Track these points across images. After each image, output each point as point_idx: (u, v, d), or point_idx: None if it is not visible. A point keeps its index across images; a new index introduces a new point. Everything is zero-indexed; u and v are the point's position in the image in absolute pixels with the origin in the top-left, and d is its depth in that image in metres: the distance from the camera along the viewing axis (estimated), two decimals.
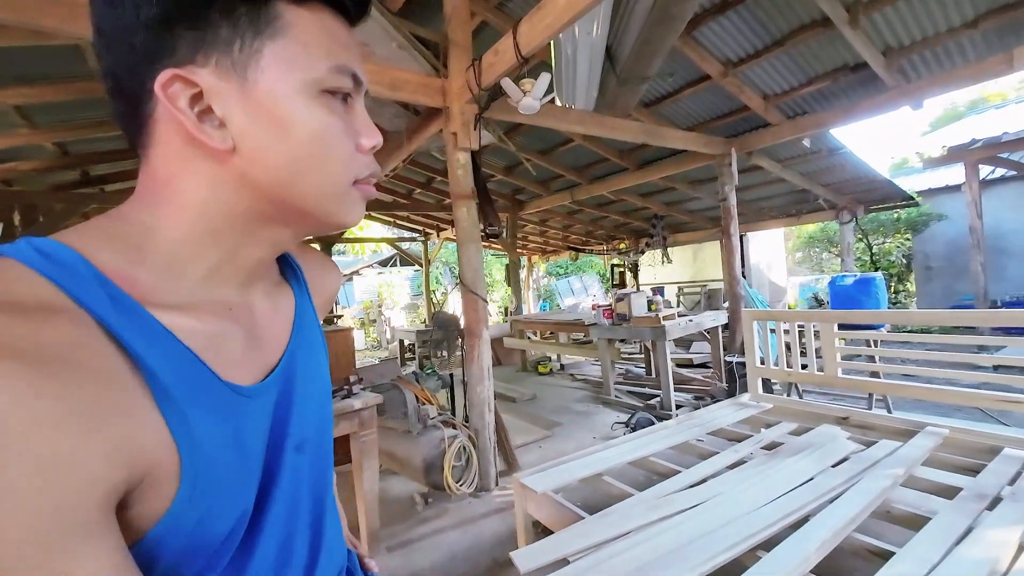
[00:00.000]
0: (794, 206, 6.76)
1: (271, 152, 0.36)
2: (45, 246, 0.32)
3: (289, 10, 0.36)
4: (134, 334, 0.31)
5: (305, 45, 0.36)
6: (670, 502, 1.66)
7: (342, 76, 0.38)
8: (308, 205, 0.39)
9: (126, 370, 0.31)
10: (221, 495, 0.35)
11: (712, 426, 2.47)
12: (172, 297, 0.36)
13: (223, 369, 0.37)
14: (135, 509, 0.30)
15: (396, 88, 2.70)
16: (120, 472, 0.28)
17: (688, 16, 2.46)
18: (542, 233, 9.82)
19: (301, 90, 0.36)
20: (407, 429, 2.83)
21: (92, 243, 0.34)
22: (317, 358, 0.50)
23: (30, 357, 0.26)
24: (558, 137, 4.96)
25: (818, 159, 5.17)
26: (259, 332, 0.43)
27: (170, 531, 0.32)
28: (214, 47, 0.34)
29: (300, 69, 0.36)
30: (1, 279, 0.29)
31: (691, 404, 4.18)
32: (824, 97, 3.90)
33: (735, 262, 4.55)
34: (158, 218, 0.36)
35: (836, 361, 2.58)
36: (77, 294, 0.30)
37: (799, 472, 1.79)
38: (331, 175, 0.39)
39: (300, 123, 0.36)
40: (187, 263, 0.37)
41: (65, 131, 3.60)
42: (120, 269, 0.33)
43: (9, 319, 0.27)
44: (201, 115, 0.34)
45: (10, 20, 1.68)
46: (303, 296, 0.50)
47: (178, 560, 0.33)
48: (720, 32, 3.29)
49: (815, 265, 11.34)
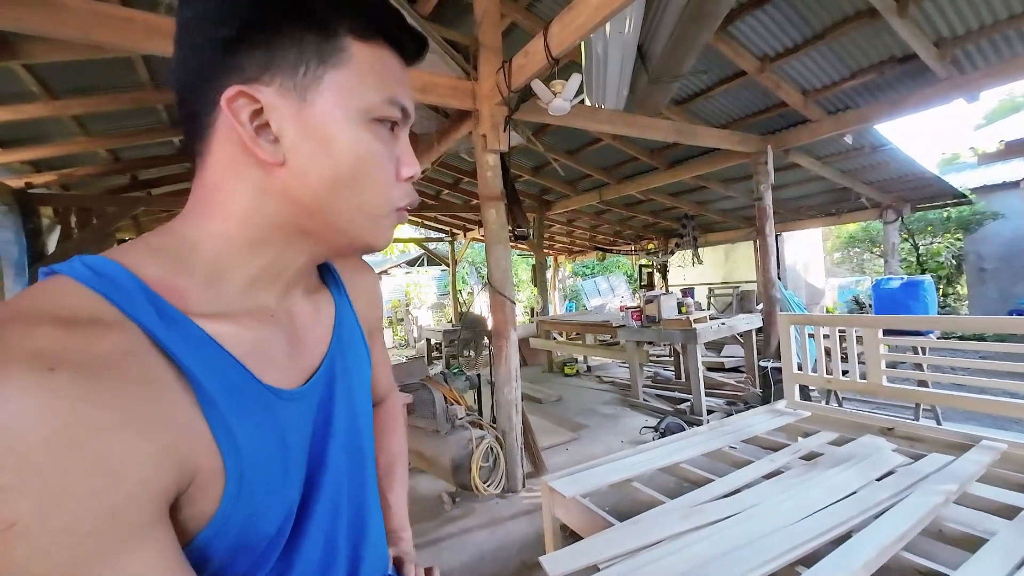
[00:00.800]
0: (834, 205, 6.48)
1: (316, 168, 0.38)
2: (95, 263, 0.34)
3: (353, 44, 0.38)
4: (179, 344, 0.33)
5: (362, 76, 0.39)
6: (703, 512, 1.62)
7: (392, 107, 0.40)
8: (342, 223, 0.40)
9: (172, 378, 0.32)
10: (266, 496, 0.36)
11: (746, 433, 2.39)
12: (215, 305, 0.37)
13: (265, 373, 0.38)
14: (186, 511, 0.32)
15: (427, 91, 2.74)
16: (169, 475, 0.30)
17: (724, 12, 2.39)
18: (569, 233, 9.76)
19: (353, 116, 0.38)
20: (435, 429, 2.87)
21: (138, 258, 0.36)
22: (358, 360, 0.51)
23: (86, 368, 0.28)
24: (586, 137, 4.92)
25: (861, 156, 4.94)
26: (300, 336, 0.44)
27: (219, 532, 0.33)
28: (280, 70, 0.37)
29: (355, 97, 0.38)
30: (57, 295, 0.31)
31: (723, 410, 4.07)
32: (868, 91, 3.72)
33: (770, 263, 4.40)
34: (204, 228, 0.38)
35: (880, 368, 2.45)
36: (125, 307, 0.32)
37: (841, 485, 1.71)
38: (369, 197, 0.40)
39: (346, 145, 0.38)
40: (230, 271, 0.39)
41: (117, 138, 3.81)
42: (165, 281, 0.35)
43: (66, 333, 0.29)
44: (258, 129, 0.36)
45: (71, 36, 1.79)
46: (342, 300, 0.51)
47: (228, 560, 0.34)
48: (757, 27, 3.18)
49: (855, 266, 10.84)
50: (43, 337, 0.28)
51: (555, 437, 3.75)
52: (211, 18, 0.36)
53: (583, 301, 12.55)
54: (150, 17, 1.93)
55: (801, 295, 8.58)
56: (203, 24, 0.36)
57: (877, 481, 1.74)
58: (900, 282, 3.86)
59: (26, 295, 0.31)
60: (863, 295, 8.01)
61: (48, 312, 0.30)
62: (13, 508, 0.24)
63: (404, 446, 0.72)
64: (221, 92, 0.36)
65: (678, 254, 8.27)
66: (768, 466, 1.97)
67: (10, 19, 1.68)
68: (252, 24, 0.36)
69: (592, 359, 6.85)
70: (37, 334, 0.28)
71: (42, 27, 1.74)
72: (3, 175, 3.89)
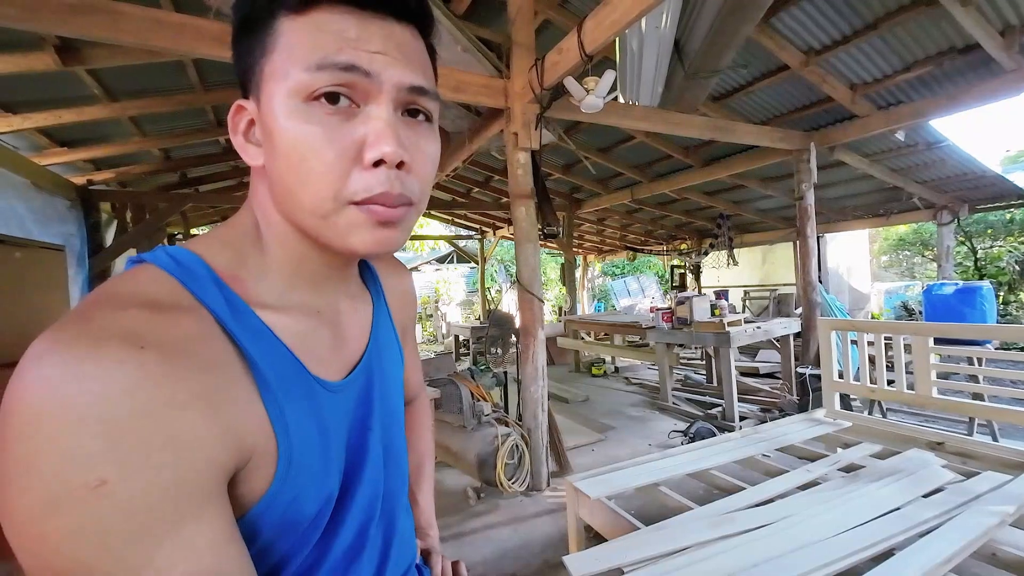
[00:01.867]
0: (882, 205, 6.13)
1: (272, 168, 0.37)
2: (176, 253, 0.37)
3: (285, 22, 0.35)
4: (243, 331, 0.35)
5: (291, 53, 0.34)
6: (732, 520, 1.57)
7: (321, 72, 0.34)
8: (306, 224, 0.37)
9: (236, 362, 0.34)
10: (309, 480, 0.38)
11: (781, 442, 2.31)
12: (269, 297, 0.39)
13: (312, 365, 0.40)
14: (242, 487, 0.34)
15: (459, 90, 2.76)
16: (230, 453, 0.32)
17: (767, 4, 2.30)
18: (599, 232, 9.64)
19: (285, 100, 0.34)
20: (462, 424, 2.90)
21: (211, 249, 0.38)
22: (392, 359, 0.52)
23: (165, 348, 0.30)
24: (619, 134, 4.84)
25: (913, 153, 4.65)
26: (343, 332, 0.46)
27: (268, 510, 0.35)
28: (248, 75, 0.38)
29: (282, 79, 0.35)
30: (145, 281, 0.34)
31: (756, 417, 3.94)
32: (924, 84, 3.50)
33: (811, 266, 4.21)
34: (256, 225, 0.41)
35: (930, 379, 2.31)
36: (199, 294, 0.35)
37: (883, 499, 1.63)
38: (312, 191, 0.35)
39: (281, 135, 0.35)
40: (272, 267, 0.40)
41: (169, 138, 4.02)
42: (230, 271, 0.38)
43: (151, 315, 0.31)
44: (251, 138, 0.39)
45: (130, 42, 1.90)
46: (379, 299, 0.53)
47: (273, 537, 0.36)
48: (802, 18, 3.05)
49: (905, 271, 10.25)
50: (134, 318, 0.30)
51: (581, 437, 3.72)
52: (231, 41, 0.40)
53: (612, 301, 12.39)
54: (201, 22, 2.03)
55: (844, 300, 8.17)
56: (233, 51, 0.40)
57: (924, 498, 1.64)
58: (955, 288, 3.62)
59: (120, 280, 0.34)
60: (913, 301, 7.56)
61: (139, 296, 0.32)
62: (104, 469, 0.26)
63: (432, 445, 0.74)
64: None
65: (712, 255, 8.04)
66: (804, 476, 1.89)
67: (77, 27, 1.80)
68: (233, 38, 0.38)
69: (620, 360, 6.76)
70: (129, 315, 0.30)
71: (105, 34, 1.86)
72: (68, 172, 4.18)
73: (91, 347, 0.28)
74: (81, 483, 0.26)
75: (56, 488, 0.26)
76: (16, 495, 0.26)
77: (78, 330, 0.29)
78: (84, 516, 0.26)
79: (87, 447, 0.26)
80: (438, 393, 2.29)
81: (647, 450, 3.42)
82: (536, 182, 2.97)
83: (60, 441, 0.26)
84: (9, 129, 3.13)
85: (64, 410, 0.26)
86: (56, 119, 3.17)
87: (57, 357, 0.27)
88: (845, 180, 5.52)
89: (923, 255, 9.03)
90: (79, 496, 0.26)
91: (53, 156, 3.74)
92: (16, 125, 3.12)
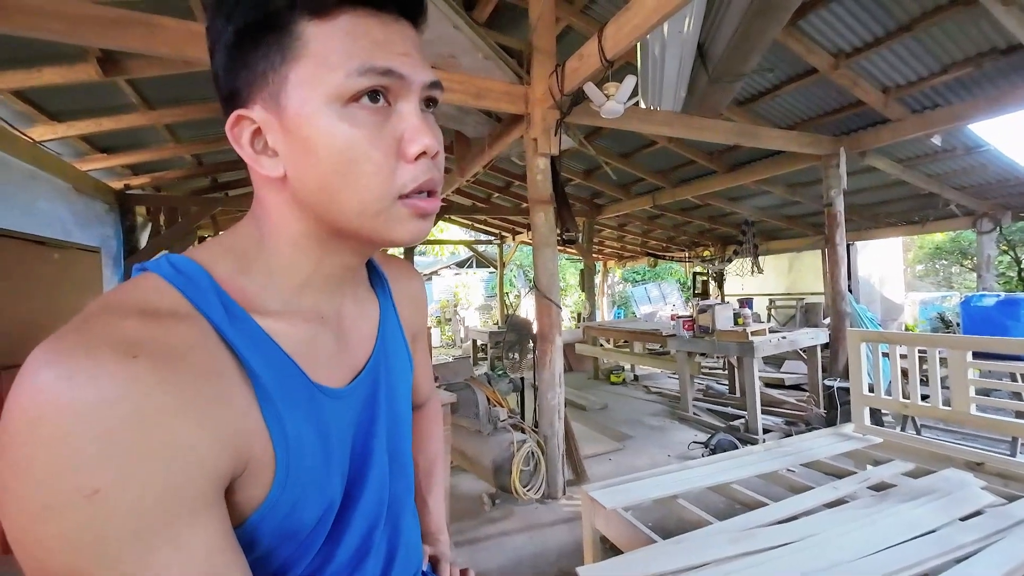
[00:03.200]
0: (917, 212, 5.89)
1: (307, 175, 0.37)
2: (177, 262, 0.37)
3: (309, 27, 0.35)
4: (241, 338, 0.35)
5: (324, 58, 0.35)
6: (755, 537, 1.52)
7: (365, 76, 0.35)
8: (352, 225, 0.38)
9: (234, 370, 0.34)
10: (308, 487, 0.37)
11: (807, 457, 2.22)
12: (272, 304, 0.39)
13: (313, 371, 0.40)
14: (239, 495, 0.34)
15: (480, 97, 2.78)
16: (226, 460, 0.32)
17: (795, 5, 2.26)
18: (619, 238, 9.55)
19: (323, 106, 0.35)
20: (478, 429, 2.89)
21: (213, 257, 0.38)
22: (400, 364, 0.52)
23: (158, 357, 0.30)
24: (640, 139, 4.80)
25: (951, 158, 4.47)
26: (346, 338, 0.45)
27: (267, 518, 0.35)
28: (257, 83, 0.36)
29: (318, 85, 0.35)
30: (144, 290, 0.35)
31: (781, 429, 3.81)
32: (963, 87, 3.36)
33: (840, 274, 4.08)
34: (261, 234, 0.40)
35: (968, 395, 2.20)
36: (198, 302, 0.35)
37: (917, 521, 1.55)
38: (364, 191, 0.36)
39: (322, 140, 0.35)
40: (283, 273, 0.40)
41: (201, 144, 4.18)
42: (232, 279, 0.38)
43: (145, 323, 0.31)
44: (262, 150, 0.38)
45: (167, 53, 1.98)
46: (387, 303, 0.52)
47: (273, 545, 0.36)
48: (832, 20, 2.97)
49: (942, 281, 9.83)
50: (129, 328, 0.31)
51: (598, 446, 3.67)
52: (216, 54, 0.38)
53: (632, 308, 12.24)
54: None
55: (875, 310, 7.87)
56: (215, 66, 0.38)
57: (961, 521, 1.55)
58: (996, 300, 3.45)
59: (121, 289, 0.35)
60: (950, 313, 7.23)
61: (135, 305, 0.33)
62: (97, 477, 0.27)
63: (443, 449, 0.73)
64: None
65: (736, 262, 7.86)
66: (831, 493, 1.82)
67: (119, 40, 1.89)
68: (230, 45, 0.36)
69: (640, 368, 6.65)
70: (125, 324, 0.31)
71: (144, 46, 1.95)
72: (107, 177, 4.38)
73: (85, 356, 0.28)
74: (74, 490, 0.26)
75: (50, 495, 0.26)
76: (14, 500, 0.27)
77: (75, 340, 0.29)
78: (78, 523, 0.26)
79: (80, 455, 0.27)
80: (454, 397, 2.29)
81: (666, 461, 3.35)
82: (555, 187, 2.96)
83: (54, 449, 0.26)
84: (55, 136, 3.30)
85: (58, 418, 0.27)
86: (97, 127, 3.33)
87: (53, 366, 0.28)
88: (877, 186, 5.33)
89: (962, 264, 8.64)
90: (73, 503, 0.26)
91: (93, 162, 3.93)
92: (61, 132, 3.29)
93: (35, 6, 1.76)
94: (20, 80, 2.65)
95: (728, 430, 3.71)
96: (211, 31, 0.38)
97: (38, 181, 3.30)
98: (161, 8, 2.13)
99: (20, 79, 2.64)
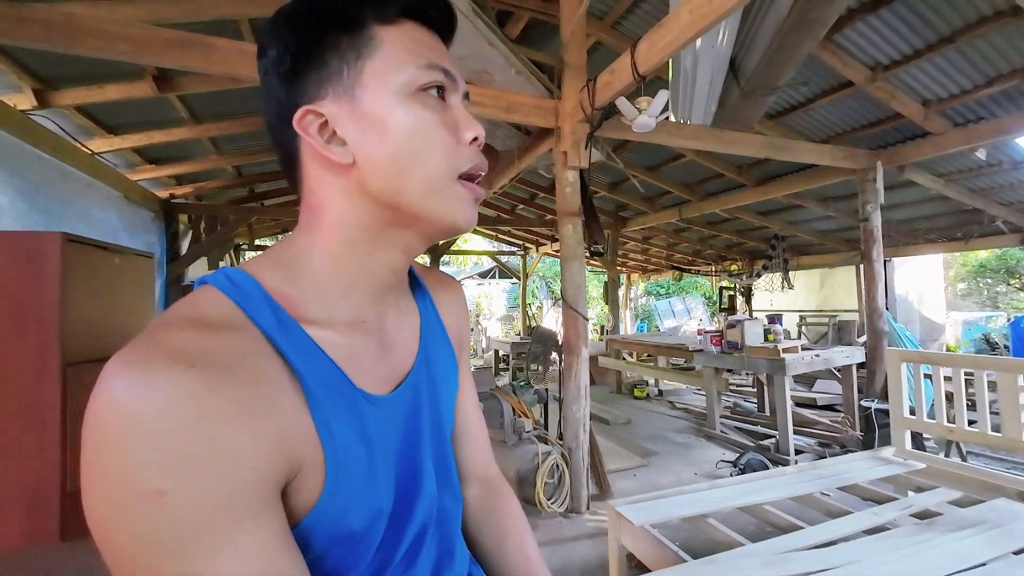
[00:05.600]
0: (959, 228, 5.64)
1: (378, 155, 0.40)
2: (232, 274, 0.40)
3: (381, 30, 0.41)
4: (290, 346, 0.37)
5: (396, 54, 0.40)
6: (789, 561, 1.47)
7: (431, 71, 0.41)
8: (418, 204, 0.41)
9: (284, 376, 0.36)
10: (357, 493, 0.38)
11: (843, 480, 2.14)
12: (319, 313, 0.41)
13: (357, 378, 0.41)
14: (293, 499, 0.35)
15: (511, 111, 2.84)
16: (279, 464, 0.33)
17: (831, 20, 2.23)
18: (644, 251, 9.47)
19: (397, 93, 0.40)
20: (502, 439, 2.90)
21: (264, 269, 0.41)
22: (445, 372, 0.52)
23: (214, 365, 0.32)
24: (668, 152, 4.78)
25: (996, 173, 4.28)
26: (389, 345, 0.46)
27: (319, 521, 0.36)
28: (330, 79, 0.40)
29: (393, 75, 0.40)
30: (202, 302, 0.37)
31: (814, 451, 3.68)
32: (1009, 99, 3.24)
33: (877, 292, 3.94)
34: (311, 242, 0.42)
35: (1020, 421, 2.09)
36: (251, 312, 0.37)
37: (965, 552, 1.47)
38: (432, 166, 0.41)
39: (398, 122, 0.40)
40: (329, 280, 0.42)
41: (242, 156, 4.38)
42: (281, 290, 0.40)
43: (201, 334, 0.34)
44: (329, 139, 0.40)
45: (218, 71, 2.11)
46: (428, 310, 0.53)
47: (325, 548, 0.37)
48: (869, 33, 2.92)
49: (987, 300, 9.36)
50: (188, 338, 0.33)
51: (622, 461, 3.62)
52: (274, 60, 0.41)
53: (656, 322, 12.06)
54: None
55: (915, 329, 7.54)
56: (271, 68, 0.41)
57: (1015, 555, 1.47)
58: None
59: (183, 303, 0.38)
60: (996, 334, 6.87)
61: (193, 317, 0.35)
62: (160, 480, 0.29)
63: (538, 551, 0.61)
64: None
65: (765, 277, 7.68)
66: (870, 520, 1.75)
67: (177, 59, 2.02)
68: (300, 51, 0.40)
69: (664, 383, 6.53)
70: (183, 336, 0.33)
71: (201, 65, 2.07)
72: (153, 187, 4.63)
73: (147, 367, 0.30)
74: (142, 492, 0.28)
75: (121, 496, 0.29)
76: (93, 499, 0.30)
77: (140, 352, 0.31)
78: (147, 522, 0.29)
79: (145, 459, 0.29)
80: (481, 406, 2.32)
81: (693, 479, 3.27)
82: (584, 200, 2.98)
83: (122, 453, 0.29)
84: (111, 148, 3.52)
85: (124, 425, 0.29)
86: (148, 139, 3.54)
87: (121, 376, 0.30)
88: (916, 201, 5.15)
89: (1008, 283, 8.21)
90: (141, 504, 0.29)
91: (143, 172, 4.16)
92: (116, 145, 3.51)
93: (105, 30, 1.90)
94: (83, 96, 2.85)
95: (758, 449, 3.60)
96: (277, 42, 0.41)
97: (94, 190, 3.52)
98: (215, 30, 2.28)
99: (83, 95, 2.84)
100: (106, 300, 1.63)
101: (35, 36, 1.85)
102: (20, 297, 1.39)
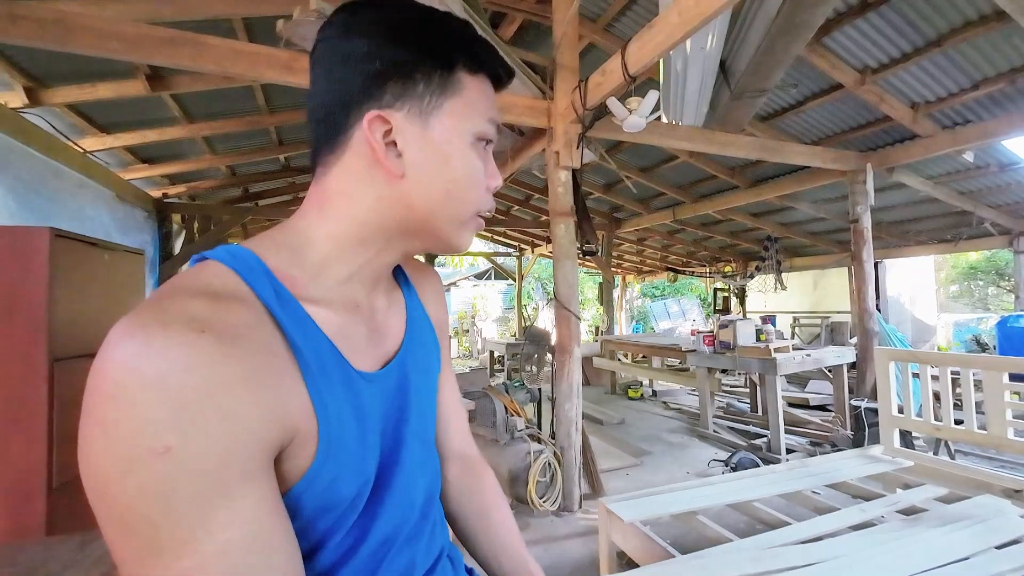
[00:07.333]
0: (949, 230, 5.71)
1: (435, 181, 0.45)
2: (234, 250, 0.42)
3: (465, 77, 0.46)
4: (289, 320, 0.40)
5: (472, 103, 0.46)
6: (777, 556, 1.49)
7: (491, 127, 0.48)
8: (442, 226, 0.47)
9: (283, 348, 0.38)
10: (347, 462, 0.41)
11: (832, 478, 2.16)
12: (316, 293, 0.43)
13: (349, 356, 0.44)
14: (286, 465, 0.37)
15: (505, 111, 2.85)
16: (276, 429, 0.35)
17: (818, 23, 2.26)
18: (639, 252, 9.51)
19: (464, 135, 0.46)
20: (495, 438, 2.90)
21: (266, 248, 0.43)
22: (428, 355, 0.56)
23: (221, 333, 0.34)
24: (661, 154, 4.81)
25: (984, 175, 4.34)
26: (379, 328, 0.50)
27: (309, 488, 0.38)
28: (410, 99, 0.43)
29: (466, 120, 0.46)
30: (208, 274, 0.39)
31: (805, 450, 3.70)
32: (995, 103, 3.29)
33: (868, 292, 3.98)
34: (320, 228, 0.45)
35: (1006, 419, 2.11)
36: (254, 286, 0.39)
37: (949, 547, 1.49)
38: (466, 204, 0.47)
39: (459, 162, 0.45)
40: (333, 266, 0.45)
41: (235, 156, 4.36)
42: (283, 269, 0.42)
43: (210, 303, 0.36)
44: (387, 147, 0.43)
45: (211, 69, 2.11)
46: (412, 298, 0.57)
47: (313, 515, 0.39)
48: (857, 37, 2.96)
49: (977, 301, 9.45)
50: (197, 306, 0.35)
51: (615, 460, 3.63)
52: (363, 55, 0.43)
53: (651, 323, 12.09)
54: (272, 51, 2.22)
55: (906, 331, 7.60)
56: (356, 59, 0.43)
57: (997, 549, 1.49)
58: None
59: (187, 274, 0.39)
60: (986, 335, 6.94)
61: (202, 287, 0.37)
62: (169, 436, 0.30)
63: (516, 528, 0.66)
64: (361, 114, 0.42)
65: (758, 278, 7.72)
66: (858, 516, 1.77)
67: (170, 58, 2.02)
68: (396, 63, 0.43)
69: (658, 383, 6.56)
70: (193, 304, 0.35)
71: (192, 63, 2.07)
72: (146, 186, 4.60)
73: (161, 330, 0.32)
74: (150, 447, 0.30)
75: (130, 450, 0.30)
76: (97, 455, 0.31)
77: (151, 316, 0.33)
78: (152, 477, 0.30)
79: (155, 415, 0.30)
80: (472, 405, 2.32)
81: (685, 478, 3.28)
82: (576, 200, 2.99)
83: (134, 410, 0.30)
84: (103, 147, 3.50)
85: (137, 382, 0.30)
86: (141, 138, 3.53)
87: (133, 338, 0.31)
88: (906, 203, 5.21)
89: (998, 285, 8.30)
90: (149, 459, 0.30)
91: (135, 171, 4.14)
92: (108, 144, 3.49)
93: (97, 28, 1.90)
94: (75, 94, 2.84)
95: (750, 449, 3.62)
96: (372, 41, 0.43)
97: (86, 189, 3.50)
98: (208, 29, 2.28)
99: (75, 93, 2.83)
100: (95, 296, 1.62)
101: (27, 33, 1.85)
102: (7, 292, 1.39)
